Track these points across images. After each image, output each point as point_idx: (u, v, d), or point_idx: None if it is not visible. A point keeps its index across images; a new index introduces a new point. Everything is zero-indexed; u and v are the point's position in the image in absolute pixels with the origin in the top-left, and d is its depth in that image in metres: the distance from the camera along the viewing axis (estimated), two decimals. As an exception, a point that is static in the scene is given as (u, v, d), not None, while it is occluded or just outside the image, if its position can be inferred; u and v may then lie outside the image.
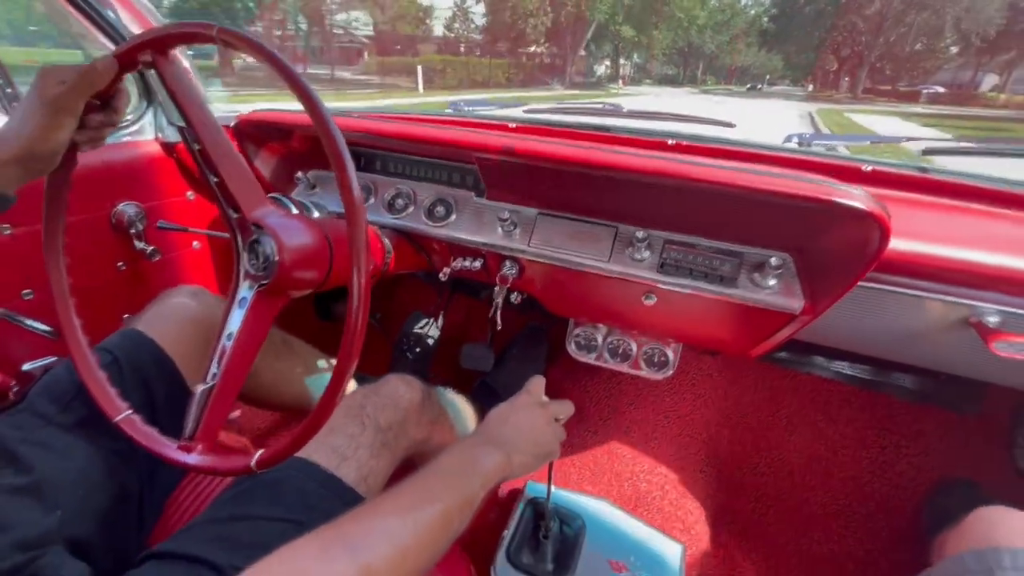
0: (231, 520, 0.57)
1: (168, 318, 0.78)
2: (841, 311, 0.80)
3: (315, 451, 0.65)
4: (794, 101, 27.63)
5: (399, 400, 0.77)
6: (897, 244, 0.68)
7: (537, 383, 0.76)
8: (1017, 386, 0.90)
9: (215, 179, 0.58)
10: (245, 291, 0.61)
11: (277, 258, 0.60)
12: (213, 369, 0.58)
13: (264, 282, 0.60)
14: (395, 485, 0.51)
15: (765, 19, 47.13)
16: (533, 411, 0.70)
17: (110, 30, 0.77)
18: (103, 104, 0.58)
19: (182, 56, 0.87)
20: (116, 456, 0.63)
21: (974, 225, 0.73)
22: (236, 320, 0.59)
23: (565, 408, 0.75)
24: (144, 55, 0.55)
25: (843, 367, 1.25)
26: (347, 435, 0.69)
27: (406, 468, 0.80)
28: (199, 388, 0.57)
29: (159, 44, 0.55)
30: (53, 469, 0.58)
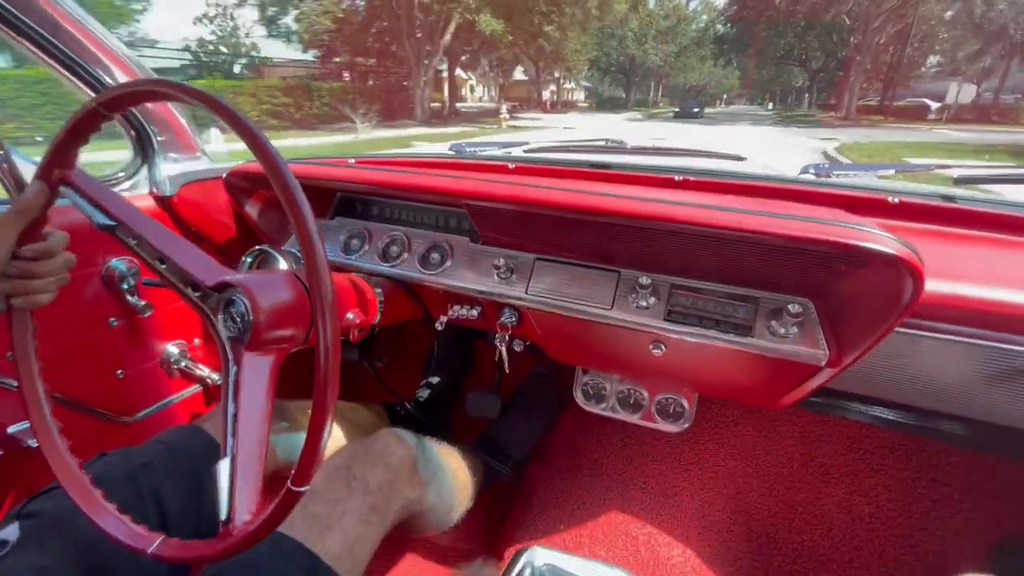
0: None
1: None
2: (876, 359, 0.72)
3: (294, 521, 0.60)
4: (768, 126, 21.46)
5: (390, 458, 0.72)
6: (934, 286, 0.61)
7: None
8: None
9: (162, 265, 0.56)
10: (232, 356, 0.57)
11: (251, 317, 0.57)
12: (228, 443, 0.53)
13: (245, 341, 0.57)
14: None
15: (720, 25, 36.00)
16: None
17: (89, 79, 0.77)
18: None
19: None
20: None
21: (1017, 260, 0.65)
22: (235, 403, 0.56)
23: None
24: (56, 173, 0.57)
25: (883, 412, 1.15)
26: (331, 501, 0.64)
27: (398, 534, 0.75)
28: (219, 466, 0.51)
29: (63, 155, 0.57)
30: None
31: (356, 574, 0.60)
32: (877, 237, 0.52)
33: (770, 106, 50.89)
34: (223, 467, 0.47)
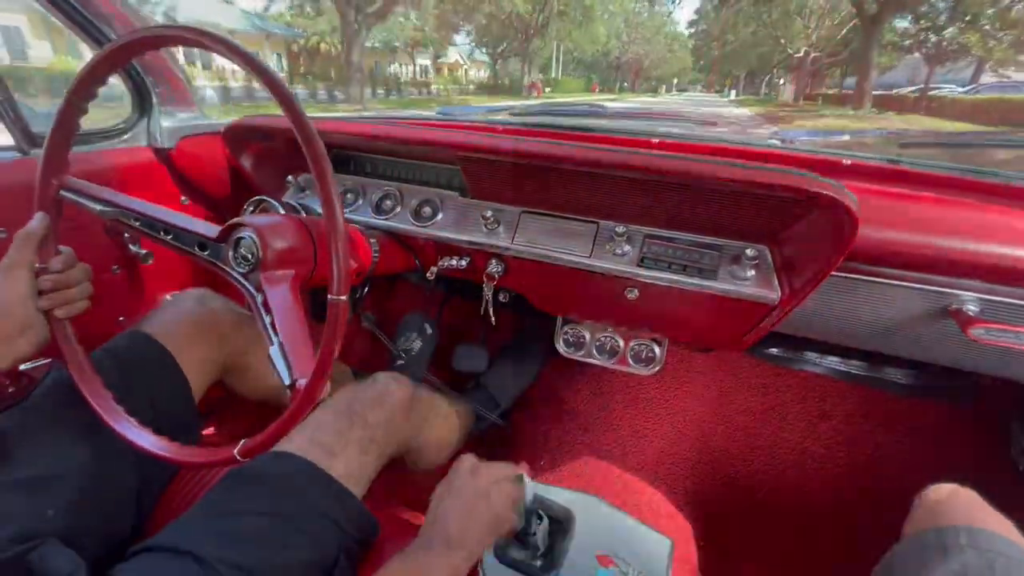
0: (219, 514, 0.58)
1: (173, 320, 0.80)
2: (823, 302, 0.81)
3: (304, 447, 0.66)
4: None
5: (387, 397, 0.79)
6: (872, 233, 0.69)
7: (466, 459, 0.68)
8: (1003, 376, 0.90)
9: (168, 236, 0.63)
10: (252, 287, 0.62)
11: (259, 246, 0.62)
12: (272, 338, 0.56)
13: (259, 268, 0.61)
14: None
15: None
16: (464, 484, 0.63)
17: (94, 32, 0.80)
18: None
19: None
20: (113, 452, 0.64)
21: (949, 214, 0.74)
22: (268, 314, 0.59)
23: (507, 468, 0.68)
24: (54, 184, 0.62)
25: (836, 363, 1.25)
26: (336, 431, 0.70)
27: (393, 464, 0.82)
28: (271, 351, 0.55)
29: (56, 161, 0.62)
30: (50, 465, 0.60)
31: (358, 494, 0.67)
32: (821, 183, 0.60)
33: (732, 94, 44.25)
34: (274, 352, 0.54)
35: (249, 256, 0.64)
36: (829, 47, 26.46)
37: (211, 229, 0.65)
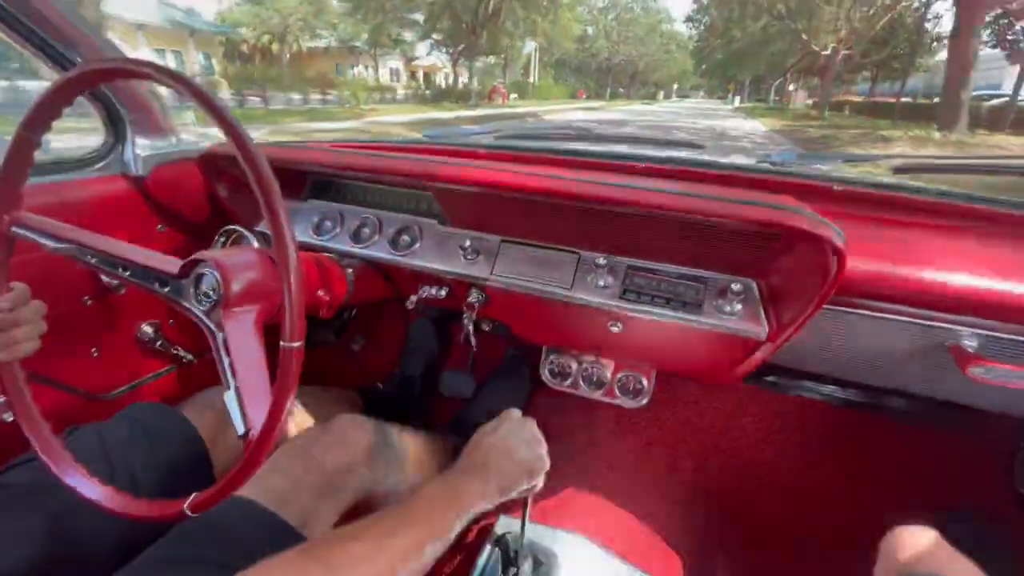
0: (168, 563, 0.55)
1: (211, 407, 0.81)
2: (815, 336, 0.77)
3: (256, 492, 0.63)
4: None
5: (347, 441, 0.76)
6: (865, 265, 0.66)
7: (515, 411, 0.73)
8: (1007, 412, 0.86)
9: (126, 272, 0.60)
10: (212, 325, 0.59)
11: (222, 285, 0.59)
12: (230, 381, 0.54)
13: (220, 306, 0.59)
14: (373, 514, 0.52)
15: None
16: (510, 428, 0.67)
17: (55, 55, 0.78)
18: None
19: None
20: (85, 531, 0.62)
21: (945, 244, 0.71)
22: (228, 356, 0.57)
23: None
24: (5, 220, 0.60)
25: (834, 390, 1.21)
26: (290, 477, 0.67)
27: (357, 512, 0.78)
28: (226, 396, 0.53)
29: (7, 196, 0.60)
30: (17, 556, 0.58)
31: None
32: (798, 216, 0.57)
33: (736, 101, 39.64)
34: (230, 397, 0.52)
35: (211, 292, 0.62)
36: (863, 44, 20.88)
37: (172, 264, 0.62)
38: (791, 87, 35.01)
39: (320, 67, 23.75)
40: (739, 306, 0.70)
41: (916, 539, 0.63)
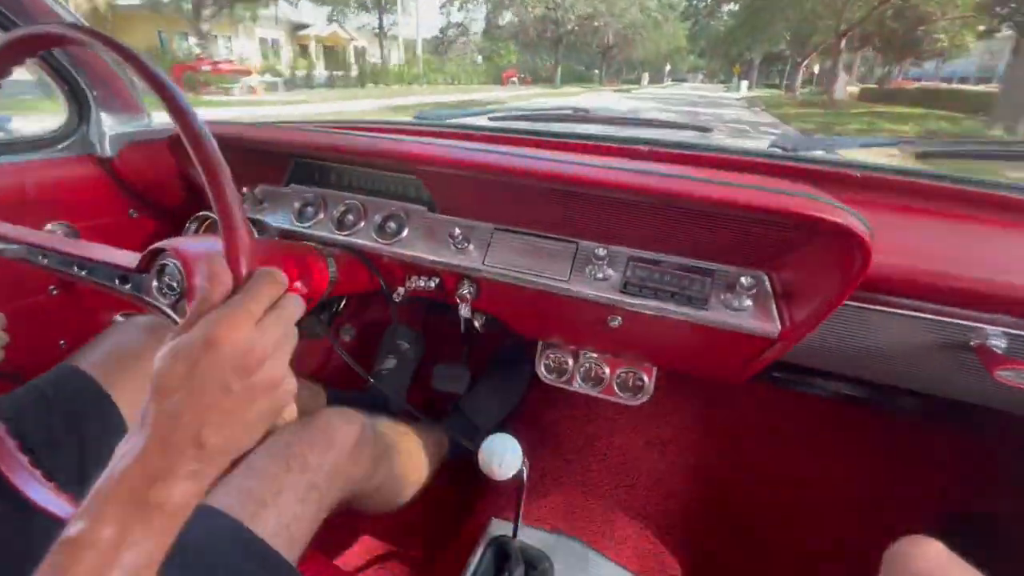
0: None
1: (110, 353, 0.73)
2: (829, 332, 0.72)
3: (229, 498, 0.58)
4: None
5: (333, 435, 0.71)
6: (888, 259, 0.60)
7: (215, 261, 0.40)
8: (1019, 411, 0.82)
9: (82, 272, 0.56)
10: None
11: (184, 276, 0.55)
12: None
13: (185, 299, 0.55)
14: None
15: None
16: (223, 347, 0.34)
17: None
18: None
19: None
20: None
21: (972, 235, 0.65)
22: None
23: (266, 286, 0.39)
24: None
25: (843, 386, 1.17)
26: (267, 477, 0.62)
27: (346, 511, 0.74)
28: None
29: None
30: None
31: (293, 551, 0.59)
32: (831, 208, 0.51)
33: (743, 87, 30.02)
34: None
35: (174, 285, 0.57)
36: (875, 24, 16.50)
37: (130, 259, 0.57)
38: (815, 67, 25.63)
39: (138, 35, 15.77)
40: (749, 302, 0.65)
41: (924, 551, 0.58)
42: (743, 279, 0.63)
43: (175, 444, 0.33)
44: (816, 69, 24.93)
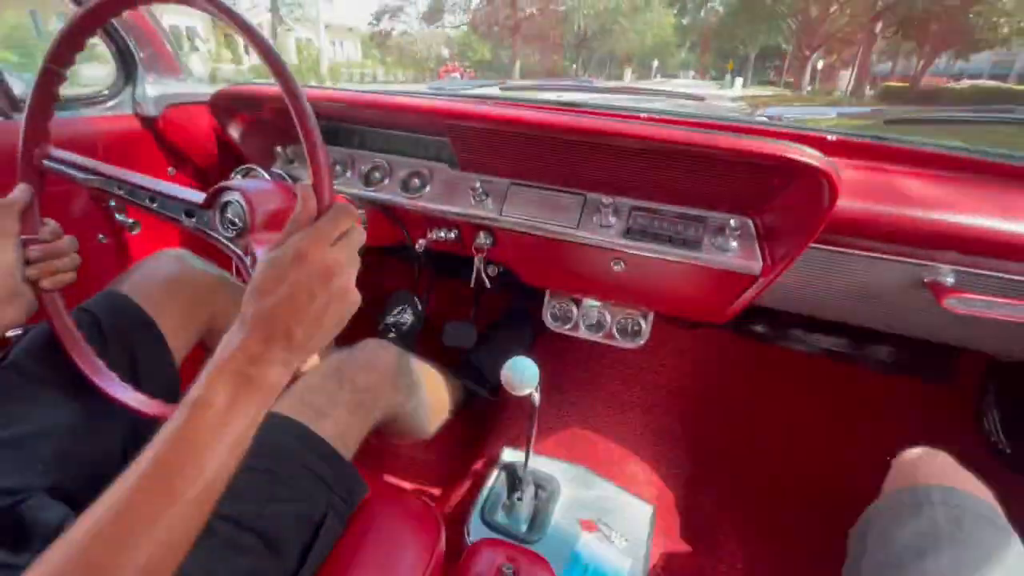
0: None
1: (151, 280, 0.80)
2: (803, 275, 0.82)
3: (295, 408, 0.67)
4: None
5: (376, 362, 0.79)
6: (852, 204, 0.70)
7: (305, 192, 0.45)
8: (977, 348, 0.93)
9: (153, 204, 0.62)
10: (240, 251, 0.61)
11: (247, 210, 0.61)
12: None
13: (247, 231, 0.61)
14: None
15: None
16: (309, 262, 0.42)
17: None
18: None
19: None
20: (98, 410, 0.65)
21: (927, 186, 0.75)
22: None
23: (343, 217, 0.45)
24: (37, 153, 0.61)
25: (819, 340, 1.28)
26: (325, 393, 0.71)
27: (381, 432, 0.83)
28: None
29: (37, 130, 0.60)
30: (35, 423, 0.60)
31: (347, 455, 0.68)
32: (803, 151, 0.61)
33: (737, 85, 23.60)
34: None
35: (236, 220, 0.64)
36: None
37: (197, 195, 0.64)
38: (819, 63, 21.67)
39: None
40: (735, 243, 0.75)
41: (929, 457, 0.65)
42: (731, 222, 0.73)
43: (270, 335, 0.42)
44: (820, 64, 21.62)
